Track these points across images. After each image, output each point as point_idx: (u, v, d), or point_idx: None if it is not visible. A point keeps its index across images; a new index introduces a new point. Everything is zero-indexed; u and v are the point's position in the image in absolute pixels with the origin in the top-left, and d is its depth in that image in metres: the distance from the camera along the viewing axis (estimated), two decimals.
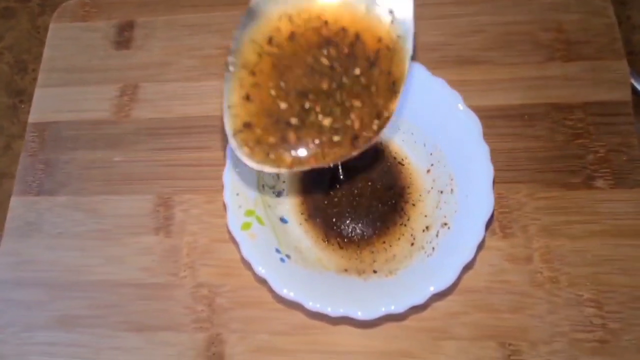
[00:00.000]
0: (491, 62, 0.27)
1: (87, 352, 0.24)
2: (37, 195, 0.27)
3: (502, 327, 0.22)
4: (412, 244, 0.23)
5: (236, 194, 0.22)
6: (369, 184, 0.25)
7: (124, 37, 0.31)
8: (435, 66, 0.25)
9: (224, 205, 0.22)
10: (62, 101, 0.30)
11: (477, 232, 0.20)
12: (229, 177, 0.22)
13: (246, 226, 0.21)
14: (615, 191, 0.24)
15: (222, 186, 0.22)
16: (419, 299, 0.19)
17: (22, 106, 0.30)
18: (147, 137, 0.28)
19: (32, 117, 0.29)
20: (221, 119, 0.28)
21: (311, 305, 0.19)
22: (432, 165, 0.24)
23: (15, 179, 0.28)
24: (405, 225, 0.23)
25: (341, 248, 0.23)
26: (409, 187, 0.24)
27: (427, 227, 0.23)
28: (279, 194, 0.25)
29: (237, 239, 0.21)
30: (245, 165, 0.17)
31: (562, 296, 0.22)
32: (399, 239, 0.23)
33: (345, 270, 0.22)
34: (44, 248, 0.26)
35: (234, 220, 0.21)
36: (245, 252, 0.20)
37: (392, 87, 0.16)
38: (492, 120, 0.26)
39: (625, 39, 0.28)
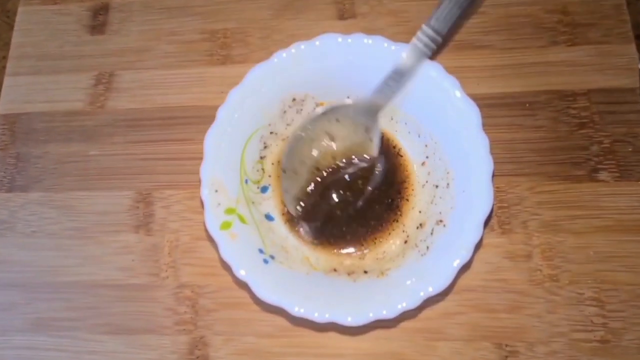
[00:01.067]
0: (491, 47, 0.26)
1: (65, 357, 0.23)
2: (9, 191, 0.26)
3: (499, 328, 0.21)
4: (406, 242, 0.21)
5: (215, 191, 0.20)
6: (362, 176, 0.23)
7: (98, 21, 0.29)
8: None
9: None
10: (33, 91, 0.28)
11: (474, 231, 0.19)
12: (207, 172, 0.20)
13: (226, 225, 0.20)
14: (620, 184, 0.23)
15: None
16: (412, 303, 0.18)
17: None
18: (124, 129, 0.26)
19: (2, 108, 0.28)
20: (203, 108, 0.26)
21: (296, 311, 0.18)
22: (427, 157, 0.23)
23: None
24: (397, 221, 0.22)
25: (330, 245, 0.22)
26: (404, 182, 0.23)
27: (420, 224, 0.21)
28: (263, 190, 0.23)
29: (216, 239, 0.19)
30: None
31: (562, 295, 0.21)
32: (389, 233, 0.22)
33: (334, 270, 0.21)
34: (18, 247, 0.25)
35: (212, 219, 0.20)
36: (224, 254, 0.19)
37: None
38: (490, 109, 0.24)
39: (633, 22, 0.26)
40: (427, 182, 0.22)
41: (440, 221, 0.20)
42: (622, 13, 0.26)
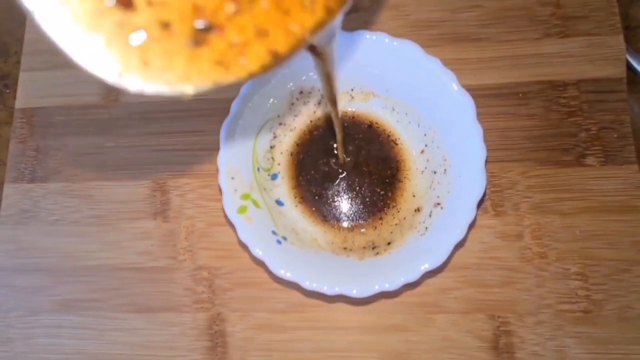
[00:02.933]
0: (487, 40, 0.27)
1: (91, 334, 0.24)
2: (31, 182, 0.27)
3: (492, 301, 0.23)
4: (403, 224, 0.23)
5: (231, 178, 0.22)
6: (365, 164, 0.25)
7: None
8: (431, 44, 0.24)
9: (220, 189, 0.22)
10: (48, 85, 0.29)
11: (468, 212, 0.20)
12: (224, 160, 0.22)
13: (242, 209, 0.21)
14: (605, 168, 0.24)
15: (217, 170, 0.22)
16: (412, 276, 0.20)
17: (7, 91, 0.30)
18: (138, 121, 0.28)
19: (19, 103, 0.29)
20: (214, 101, 0.28)
21: (308, 284, 0.20)
22: (426, 145, 0.24)
23: (7, 167, 0.28)
24: (398, 203, 0.24)
25: (336, 228, 0.24)
26: (402, 169, 0.24)
27: (419, 208, 0.23)
28: (274, 177, 0.25)
29: (234, 222, 0.21)
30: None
31: (549, 270, 0.23)
32: (391, 218, 0.23)
33: (345, 248, 0.23)
34: (42, 235, 0.26)
35: (230, 204, 0.21)
36: (242, 235, 0.21)
37: None
38: (486, 99, 0.25)
39: (623, 14, 0.27)
40: (426, 168, 0.24)
41: (438, 204, 0.22)
42: (612, 5, 0.27)
